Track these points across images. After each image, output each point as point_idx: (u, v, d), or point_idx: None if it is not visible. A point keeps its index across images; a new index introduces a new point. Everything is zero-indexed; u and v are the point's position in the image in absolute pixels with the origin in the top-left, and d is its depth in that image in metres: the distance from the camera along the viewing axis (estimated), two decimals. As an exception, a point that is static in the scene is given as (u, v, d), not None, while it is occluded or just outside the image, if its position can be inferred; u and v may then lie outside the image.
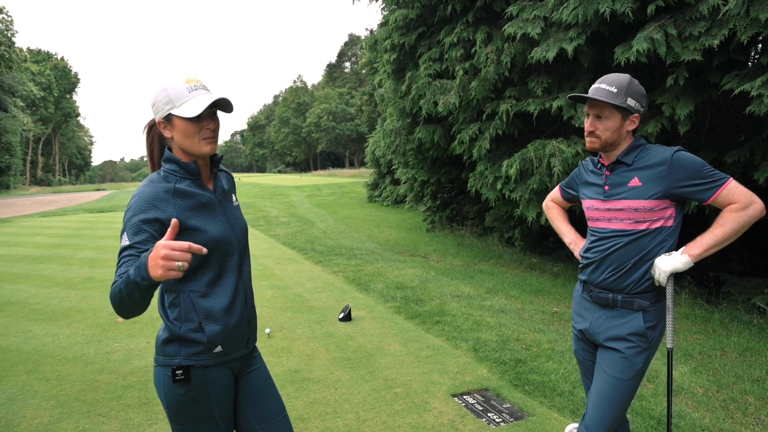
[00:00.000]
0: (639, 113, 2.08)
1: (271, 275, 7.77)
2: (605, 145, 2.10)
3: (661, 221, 2.03)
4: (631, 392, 2.08)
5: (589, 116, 2.11)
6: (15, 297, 6.71)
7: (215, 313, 1.67)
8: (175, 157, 1.69)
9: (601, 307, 2.17)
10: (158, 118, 1.67)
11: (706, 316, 5.50)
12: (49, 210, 22.02)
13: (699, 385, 3.80)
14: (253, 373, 1.87)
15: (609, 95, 2.03)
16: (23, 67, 55.42)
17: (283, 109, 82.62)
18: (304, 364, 4.32)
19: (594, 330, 2.19)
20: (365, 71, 26.62)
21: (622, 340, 2.08)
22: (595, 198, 2.19)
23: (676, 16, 5.10)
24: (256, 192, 29.01)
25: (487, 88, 7.39)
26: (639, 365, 2.06)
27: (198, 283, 1.66)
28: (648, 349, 2.07)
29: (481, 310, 5.81)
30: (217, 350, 1.69)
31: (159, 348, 1.70)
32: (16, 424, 3.35)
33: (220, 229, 1.70)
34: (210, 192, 1.74)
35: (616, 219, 2.09)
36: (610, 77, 2.08)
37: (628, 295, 2.08)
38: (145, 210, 1.57)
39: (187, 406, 1.66)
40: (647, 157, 2.05)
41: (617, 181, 2.11)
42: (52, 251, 10.40)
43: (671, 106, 5.38)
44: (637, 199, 2.03)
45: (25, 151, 57.47)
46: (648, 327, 2.06)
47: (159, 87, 1.66)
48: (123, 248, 1.53)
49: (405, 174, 13.81)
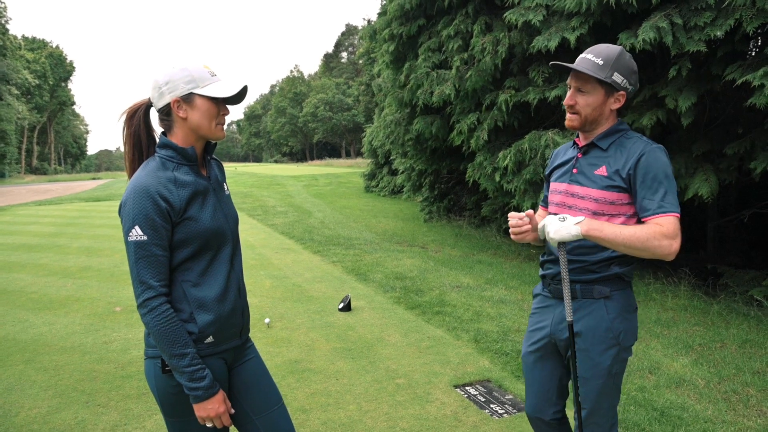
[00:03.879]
0: (626, 91, 1.87)
1: (269, 265, 7.74)
2: (585, 122, 1.91)
3: (622, 218, 1.86)
4: (609, 393, 1.92)
5: (571, 88, 1.91)
6: (11, 286, 6.66)
7: (207, 303, 1.64)
8: (172, 143, 1.65)
9: (560, 301, 1.98)
10: (174, 96, 1.62)
11: (705, 308, 5.50)
12: (45, 199, 21.87)
13: (700, 377, 3.80)
14: (246, 364, 1.84)
15: (594, 67, 1.83)
16: (18, 55, 54.85)
17: (280, 98, 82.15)
18: (305, 354, 4.30)
19: (555, 328, 2.01)
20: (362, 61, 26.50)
21: (583, 336, 1.92)
22: (561, 180, 2.03)
23: (681, 5, 5.05)
24: (253, 182, 28.90)
25: (485, 79, 7.33)
26: (606, 363, 1.89)
27: (191, 273, 1.64)
28: (615, 345, 1.90)
29: (481, 300, 5.80)
30: (209, 341, 1.65)
31: (147, 340, 1.67)
32: (14, 414, 3.32)
33: (214, 219, 1.68)
34: (205, 179, 1.72)
35: (576, 207, 1.93)
36: (599, 47, 1.88)
37: (586, 284, 1.92)
38: (154, 201, 1.54)
39: (179, 398, 1.63)
40: (623, 146, 1.87)
41: (586, 165, 1.94)
42: (48, 240, 10.33)
43: (674, 98, 5.34)
44: (600, 189, 1.87)
45: (21, 139, 57.09)
46: (612, 318, 1.89)
47: (177, 66, 1.63)
48: (140, 243, 1.53)
49: (403, 164, 13.75)
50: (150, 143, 1.72)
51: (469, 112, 8.04)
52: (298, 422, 3.20)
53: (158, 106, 1.66)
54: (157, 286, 1.55)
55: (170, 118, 1.67)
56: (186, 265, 1.64)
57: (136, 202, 1.54)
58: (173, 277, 1.63)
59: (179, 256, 1.62)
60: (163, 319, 1.54)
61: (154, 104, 1.67)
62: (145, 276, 1.54)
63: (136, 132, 1.70)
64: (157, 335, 1.54)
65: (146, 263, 1.54)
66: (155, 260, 1.55)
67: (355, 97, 66.49)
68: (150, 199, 1.54)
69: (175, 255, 1.61)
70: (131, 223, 1.54)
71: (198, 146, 1.71)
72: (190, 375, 1.56)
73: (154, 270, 1.55)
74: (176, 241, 1.60)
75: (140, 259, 1.54)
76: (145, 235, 1.53)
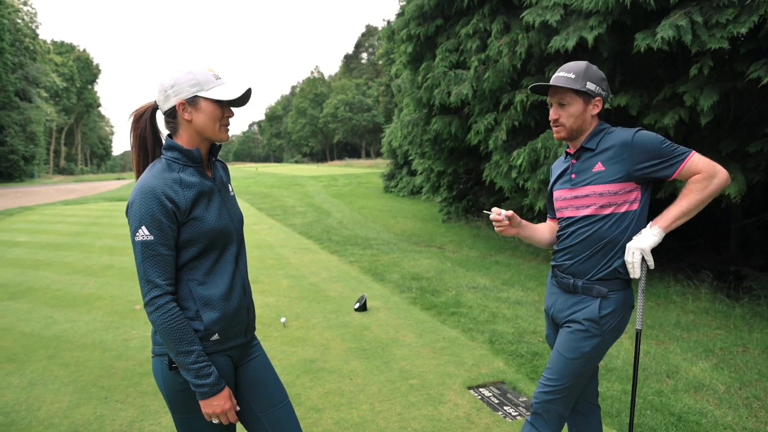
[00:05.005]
0: (601, 96, 2.07)
1: (287, 264, 7.80)
2: (571, 132, 2.10)
3: (626, 205, 2.02)
4: (575, 372, 2.07)
5: (553, 105, 2.12)
6: (38, 283, 6.83)
7: (213, 301, 1.67)
8: (177, 145, 1.69)
9: (564, 292, 2.18)
10: (179, 99, 1.65)
11: (727, 312, 5.39)
12: (71, 198, 22.38)
13: (721, 382, 3.72)
14: (252, 362, 1.86)
15: (568, 81, 2.04)
16: (47, 59, 56.33)
17: (300, 99, 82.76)
18: (320, 354, 4.32)
19: (556, 314, 2.21)
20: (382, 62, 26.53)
21: (576, 323, 2.09)
22: (562, 188, 2.19)
23: (703, 3, 4.96)
24: (273, 182, 29.17)
25: (502, 79, 7.29)
26: (585, 349, 2.05)
27: (197, 272, 1.67)
28: (599, 336, 2.05)
29: (498, 301, 5.77)
30: (215, 338, 1.68)
31: (155, 338, 1.70)
32: (36, 408, 3.41)
33: (220, 219, 1.70)
34: (210, 180, 1.75)
35: (583, 206, 2.08)
36: (568, 65, 2.09)
37: (588, 281, 2.08)
38: (160, 202, 1.57)
39: (185, 395, 1.66)
40: (609, 140, 2.04)
41: (582, 167, 2.10)
42: (73, 239, 10.57)
43: (693, 96, 5.24)
44: (602, 184, 2.02)
45: (49, 140, 58.47)
46: (603, 315, 2.04)
47: (182, 70, 1.66)
48: (146, 243, 1.56)
49: (421, 164, 13.75)
50: (156, 145, 1.75)
51: (487, 113, 8.01)
52: (311, 421, 3.22)
53: (164, 109, 1.69)
54: (164, 284, 1.58)
55: (176, 121, 1.70)
56: (192, 264, 1.67)
57: (142, 202, 1.57)
58: (179, 276, 1.66)
59: (185, 255, 1.65)
60: (169, 317, 1.57)
61: (160, 107, 1.70)
62: (152, 275, 1.57)
63: (143, 134, 1.74)
64: (163, 333, 1.57)
65: (153, 263, 1.57)
66: (161, 260, 1.58)
67: (375, 97, 66.63)
68: (156, 199, 1.57)
69: (182, 254, 1.64)
70: (138, 224, 1.57)
71: (203, 148, 1.74)
72: (196, 372, 1.59)
73: (161, 269, 1.58)
74: (182, 240, 1.63)
75: (147, 259, 1.57)
76: (152, 235, 1.57)
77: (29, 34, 51.78)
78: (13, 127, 44.35)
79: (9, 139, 43.65)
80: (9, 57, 41.76)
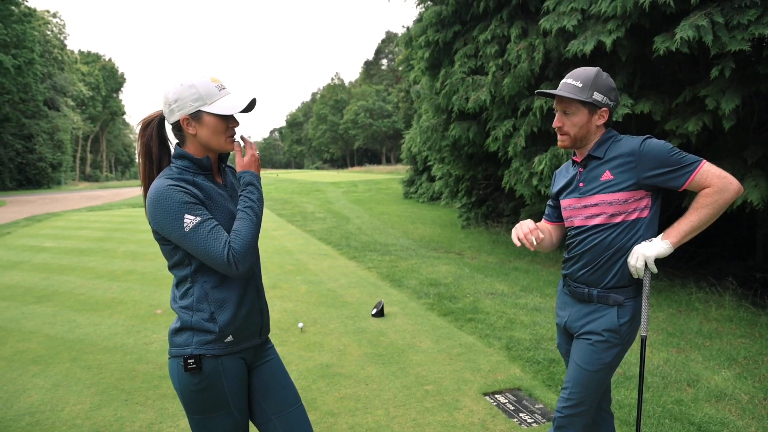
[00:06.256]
0: (608, 107, 2.04)
1: (305, 270, 7.86)
2: (575, 141, 2.08)
3: (636, 213, 2.00)
4: (598, 383, 2.07)
5: (558, 112, 2.10)
6: (62, 287, 7.00)
7: (227, 303, 1.71)
8: (187, 154, 1.72)
9: (578, 302, 2.15)
10: (183, 114, 1.68)
11: (752, 319, 5.26)
12: (95, 205, 22.84)
13: (744, 392, 3.64)
14: (266, 365, 1.90)
15: (574, 90, 2.01)
16: (74, 68, 57.74)
17: (321, 106, 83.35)
18: (336, 359, 4.34)
19: (571, 324, 2.18)
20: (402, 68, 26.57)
21: (595, 334, 2.06)
22: (570, 197, 2.16)
23: (723, 4, 4.88)
24: (294, 188, 29.38)
25: (520, 85, 7.25)
26: (607, 359, 2.04)
27: (212, 275, 1.71)
28: (620, 345, 2.05)
29: (515, 308, 5.73)
30: (228, 339, 1.72)
31: (171, 340, 1.74)
32: (59, 409, 3.50)
33: (232, 223, 1.73)
34: (221, 187, 1.79)
35: (593, 215, 2.06)
36: (577, 71, 2.05)
37: (604, 290, 2.06)
38: (184, 190, 1.62)
39: (200, 396, 1.70)
40: (617, 148, 2.01)
41: (590, 176, 2.08)
42: (96, 244, 10.80)
43: (715, 99, 5.15)
44: (611, 193, 2.00)
45: (75, 148, 59.82)
46: (622, 323, 2.03)
47: (185, 84, 1.67)
48: (198, 224, 1.60)
49: (440, 169, 13.73)
50: (162, 154, 1.79)
51: (505, 119, 7.97)
52: (326, 425, 3.24)
53: (170, 122, 1.74)
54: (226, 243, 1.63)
55: (182, 133, 1.74)
56: (207, 268, 1.70)
57: (168, 198, 1.60)
58: (195, 279, 1.70)
59: None
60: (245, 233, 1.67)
61: (167, 119, 1.74)
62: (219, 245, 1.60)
63: (148, 142, 1.76)
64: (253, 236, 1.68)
65: (214, 237, 1.60)
66: (218, 229, 1.63)
67: (395, 103, 66.66)
68: (179, 190, 1.62)
69: (196, 258, 1.68)
70: (178, 215, 1.59)
71: (212, 156, 1.78)
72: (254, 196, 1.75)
73: (223, 236, 1.63)
74: None
75: (207, 237, 1.60)
76: (198, 216, 1.60)
77: (58, 45, 53.21)
78: (42, 136, 45.57)
79: (38, 147, 44.88)
80: (38, 67, 42.93)
